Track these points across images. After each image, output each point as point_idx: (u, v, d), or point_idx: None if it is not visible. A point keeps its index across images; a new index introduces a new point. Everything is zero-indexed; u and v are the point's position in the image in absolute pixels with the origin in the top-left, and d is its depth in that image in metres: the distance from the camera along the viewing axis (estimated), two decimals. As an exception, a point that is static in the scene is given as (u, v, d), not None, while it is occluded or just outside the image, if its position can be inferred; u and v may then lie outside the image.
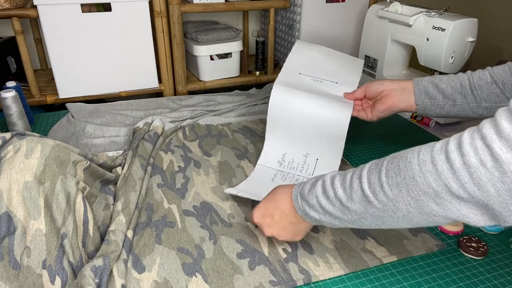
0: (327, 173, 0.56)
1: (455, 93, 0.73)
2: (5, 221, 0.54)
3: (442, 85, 0.74)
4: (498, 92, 0.69)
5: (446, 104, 0.74)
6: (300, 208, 0.57)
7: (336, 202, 0.52)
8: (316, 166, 0.82)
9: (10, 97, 0.92)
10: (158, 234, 0.67)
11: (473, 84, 0.71)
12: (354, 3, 1.43)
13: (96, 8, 1.15)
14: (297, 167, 0.82)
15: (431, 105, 0.75)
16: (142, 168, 0.80)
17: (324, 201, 0.53)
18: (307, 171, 0.81)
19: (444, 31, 1.00)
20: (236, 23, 1.65)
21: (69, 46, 1.14)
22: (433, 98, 0.75)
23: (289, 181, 0.79)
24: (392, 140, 1.01)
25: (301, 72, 0.90)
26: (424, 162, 0.43)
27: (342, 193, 0.51)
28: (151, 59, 1.25)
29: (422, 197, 0.43)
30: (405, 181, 0.44)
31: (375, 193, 0.47)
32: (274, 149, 0.84)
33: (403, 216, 0.46)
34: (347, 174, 0.52)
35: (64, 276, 0.55)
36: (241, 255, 0.64)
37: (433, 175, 0.41)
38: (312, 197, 0.55)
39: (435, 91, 0.74)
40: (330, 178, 0.54)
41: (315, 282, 0.60)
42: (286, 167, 0.82)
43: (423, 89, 0.75)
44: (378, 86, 0.80)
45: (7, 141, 0.61)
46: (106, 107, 1.10)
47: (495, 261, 0.64)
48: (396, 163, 0.46)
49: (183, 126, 1.02)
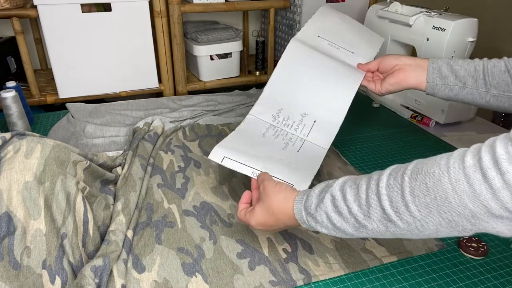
0: (333, 183, 0.51)
1: (467, 76, 0.72)
2: (5, 221, 0.54)
3: (456, 67, 0.73)
4: (509, 81, 0.69)
5: (456, 86, 0.73)
6: (305, 222, 0.53)
7: (350, 220, 0.48)
8: (312, 129, 0.77)
9: (10, 97, 0.92)
10: (158, 234, 0.67)
11: (486, 70, 0.71)
12: (354, 3, 1.43)
13: (96, 8, 1.15)
14: (292, 125, 0.77)
15: (441, 84, 0.74)
16: (142, 168, 0.80)
17: (336, 217, 0.49)
18: (302, 131, 0.76)
19: (444, 31, 1.00)
20: (236, 23, 1.65)
21: (69, 46, 1.14)
22: (444, 77, 0.74)
23: (281, 138, 0.74)
24: (392, 140, 1.01)
25: (320, 35, 0.89)
26: (457, 182, 0.39)
27: (358, 210, 0.47)
28: (151, 59, 1.25)
29: (456, 218, 0.40)
30: (435, 201, 0.41)
31: (399, 213, 0.43)
32: (270, 101, 0.78)
33: (429, 234, 0.43)
34: (360, 187, 0.47)
35: (64, 276, 0.55)
36: (241, 255, 0.64)
37: (470, 196, 0.38)
38: (320, 213, 0.50)
39: (448, 71, 0.74)
40: (340, 190, 0.49)
41: (315, 282, 0.60)
42: (280, 123, 0.77)
43: (437, 67, 0.75)
44: (393, 59, 0.79)
45: (7, 141, 0.61)
46: (106, 107, 1.10)
47: (495, 261, 0.64)
48: (422, 180, 0.42)
49: (183, 126, 1.02)
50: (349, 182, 0.49)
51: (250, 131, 0.74)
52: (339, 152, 0.95)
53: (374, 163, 0.91)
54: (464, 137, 1.03)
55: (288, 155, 0.71)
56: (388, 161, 0.91)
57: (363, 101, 1.26)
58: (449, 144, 0.99)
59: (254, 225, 0.59)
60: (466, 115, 1.10)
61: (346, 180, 0.50)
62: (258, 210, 0.58)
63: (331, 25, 0.92)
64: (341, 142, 0.99)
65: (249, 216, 0.59)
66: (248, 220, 0.59)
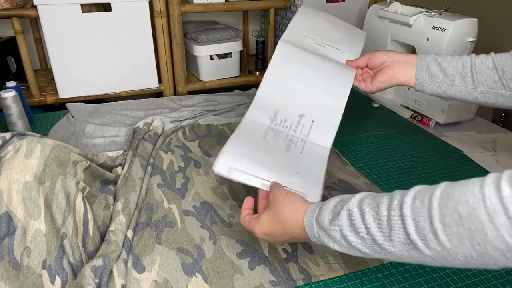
0: (350, 198, 0.49)
1: (455, 73, 0.73)
2: (5, 221, 0.54)
3: (444, 64, 0.74)
4: (497, 78, 0.70)
5: (444, 83, 0.74)
6: (315, 237, 0.50)
7: (368, 240, 0.45)
8: (311, 129, 0.76)
9: (10, 97, 0.92)
10: (158, 234, 0.67)
11: (474, 67, 0.72)
12: (354, 3, 1.43)
13: (96, 8, 1.15)
14: (290, 126, 0.75)
15: (430, 81, 0.75)
16: (142, 168, 0.80)
17: (352, 236, 0.46)
18: (301, 131, 0.75)
19: (444, 31, 1.00)
20: (236, 23, 1.65)
21: (69, 46, 1.14)
22: (433, 75, 0.74)
23: (282, 140, 0.72)
24: (392, 140, 1.01)
25: (305, 35, 0.89)
26: (495, 213, 0.37)
27: (377, 231, 0.44)
28: (151, 59, 1.25)
29: (490, 251, 0.37)
30: (469, 232, 0.38)
31: (426, 240, 0.40)
32: (265, 104, 0.76)
33: (457, 264, 0.40)
34: (380, 207, 0.45)
35: (64, 276, 0.55)
36: (241, 255, 0.64)
37: (509, 229, 0.36)
38: (335, 229, 0.48)
39: (436, 68, 0.74)
40: (357, 207, 0.46)
41: (315, 282, 0.60)
42: (278, 125, 0.74)
43: (426, 65, 0.75)
44: (382, 56, 0.79)
45: (7, 141, 0.61)
46: (106, 107, 1.10)
47: (495, 261, 0.64)
48: (454, 208, 0.39)
49: (183, 126, 1.02)
50: (367, 199, 0.47)
51: (249, 135, 0.72)
52: (339, 152, 0.95)
53: (374, 163, 0.91)
54: (464, 137, 1.03)
55: (292, 159, 0.70)
56: (388, 161, 0.92)
57: (363, 101, 1.26)
58: (449, 144, 0.99)
59: (259, 234, 0.56)
60: (466, 115, 1.10)
61: (364, 197, 0.47)
62: (264, 218, 0.56)
63: (314, 24, 0.92)
64: (341, 142, 0.99)
65: (253, 223, 0.57)
66: (253, 227, 0.57)
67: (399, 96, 1.22)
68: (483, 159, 0.93)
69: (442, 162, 0.91)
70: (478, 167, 0.90)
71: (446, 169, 0.89)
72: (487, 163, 0.91)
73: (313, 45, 0.87)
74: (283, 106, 0.77)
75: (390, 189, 0.81)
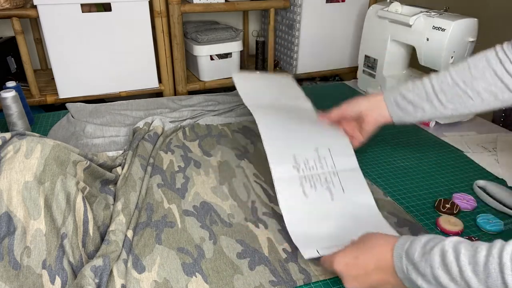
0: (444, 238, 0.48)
1: (422, 102, 0.75)
2: (5, 221, 0.54)
3: (409, 95, 0.76)
4: (460, 93, 0.72)
5: (418, 113, 0.76)
6: (402, 270, 0.49)
7: (461, 282, 0.44)
8: (333, 156, 0.77)
9: (10, 97, 0.92)
10: (158, 234, 0.67)
11: (436, 89, 0.74)
12: (354, 3, 1.43)
13: (96, 8, 1.15)
14: (316, 165, 0.75)
15: (404, 115, 0.77)
16: (142, 168, 0.80)
17: (443, 275, 0.45)
18: (327, 164, 0.75)
19: (444, 31, 1.00)
20: (236, 23, 1.65)
21: (69, 46, 1.14)
22: (403, 108, 0.77)
23: (320, 185, 0.72)
24: (392, 140, 1.01)
25: (258, 95, 0.91)
26: None
27: (472, 276, 0.43)
28: (151, 59, 1.25)
29: None
30: None
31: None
32: (281, 155, 0.74)
33: None
34: (478, 252, 0.44)
35: (64, 276, 0.55)
36: (241, 255, 0.64)
37: None
38: (425, 264, 0.46)
39: (404, 102, 0.77)
40: (452, 248, 0.45)
41: (315, 282, 0.60)
42: (306, 170, 0.73)
43: (393, 101, 0.78)
44: (355, 107, 0.82)
45: (7, 141, 0.61)
46: (106, 107, 1.10)
47: (495, 261, 0.64)
48: None
49: (183, 126, 1.02)
50: (464, 243, 0.46)
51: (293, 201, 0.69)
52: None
53: (374, 163, 0.91)
54: (464, 137, 1.03)
55: (342, 204, 0.71)
56: (388, 161, 0.92)
57: (363, 101, 1.26)
58: (449, 144, 0.99)
59: (337, 262, 0.55)
60: (466, 115, 1.10)
61: (461, 241, 0.46)
62: (348, 247, 0.56)
63: (255, 87, 0.96)
64: (341, 142, 0.99)
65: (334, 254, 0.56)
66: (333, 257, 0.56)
67: (399, 96, 1.22)
68: (483, 159, 0.93)
69: (442, 162, 0.91)
70: (478, 167, 0.90)
71: (446, 169, 0.89)
72: (487, 163, 0.91)
73: (273, 101, 0.89)
74: (296, 149, 0.76)
75: (390, 189, 0.81)
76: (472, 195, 0.79)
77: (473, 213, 0.75)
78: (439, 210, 0.74)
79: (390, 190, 0.81)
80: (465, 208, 0.76)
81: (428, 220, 0.73)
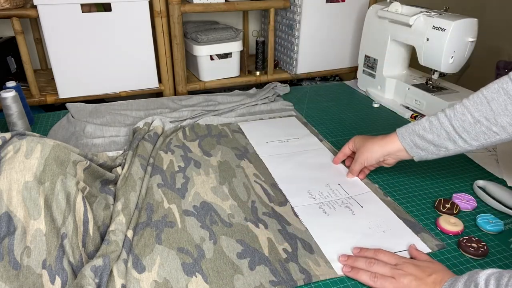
0: (479, 272, 0.51)
1: (445, 142, 0.73)
2: (5, 221, 0.54)
3: (428, 136, 0.74)
4: (485, 130, 0.69)
5: (440, 151, 0.74)
6: None
7: None
8: (344, 188, 0.81)
9: (10, 97, 0.92)
10: (158, 234, 0.67)
11: (458, 129, 0.71)
12: (354, 3, 1.43)
13: (96, 8, 1.15)
14: (330, 195, 0.79)
15: (426, 154, 0.75)
16: (142, 168, 0.80)
17: None
18: (340, 193, 0.79)
19: (444, 31, 1.00)
20: (236, 23, 1.65)
21: (69, 46, 1.14)
22: (425, 149, 0.75)
23: (338, 207, 0.75)
24: (392, 140, 1.01)
25: (267, 141, 0.99)
26: None
27: None
28: (151, 59, 1.25)
29: None
30: None
31: None
32: (295, 190, 0.80)
33: None
34: (501, 278, 0.48)
35: (64, 276, 0.55)
36: (241, 255, 0.64)
37: None
38: None
39: (423, 142, 0.74)
40: (484, 280, 0.49)
41: (315, 282, 0.60)
42: (321, 198, 0.78)
43: (412, 144, 0.75)
44: (373, 158, 0.81)
45: (7, 141, 0.61)
46: (106, 107, 1.10)
47: (495, 261, 0.64)
48: None
49: (183, 126, 1.02)
50: (496, 274, 0.49)
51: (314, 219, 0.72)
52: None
53: (374, 163, 0.91)
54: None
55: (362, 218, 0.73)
56: (388, 161, 0.92)
57: (363, 101, 1.26)
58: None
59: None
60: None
61: (493, 272, 0.50)
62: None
63: (261, 131, 1.03)
64: (341, 142, 0.99)
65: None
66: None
67: (399, 96, 1.22)
68: (483, 159, 0.93)
69: (442, 162, 0.91)
70: (478, 167, 0.90)
71: (446, 169, 0.89)
72: (487, 163, 0.91)
73: (280, 145, 0.97)
74: (309, 184, 0.82)
75: (390, 189, 0.81)
76: (472, 195, 0.79)
77: (473, 213, 0.75)
78: (439, 210, 0.75)
79: (390, 190, 0.82)
80: (465, 208, 0.76)
81: (428, 220, 0.73)
